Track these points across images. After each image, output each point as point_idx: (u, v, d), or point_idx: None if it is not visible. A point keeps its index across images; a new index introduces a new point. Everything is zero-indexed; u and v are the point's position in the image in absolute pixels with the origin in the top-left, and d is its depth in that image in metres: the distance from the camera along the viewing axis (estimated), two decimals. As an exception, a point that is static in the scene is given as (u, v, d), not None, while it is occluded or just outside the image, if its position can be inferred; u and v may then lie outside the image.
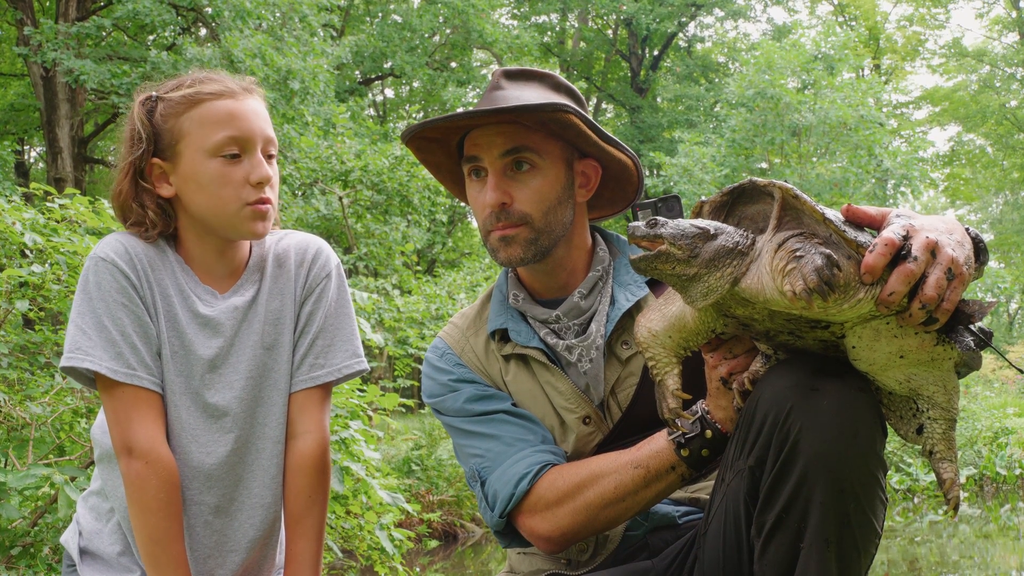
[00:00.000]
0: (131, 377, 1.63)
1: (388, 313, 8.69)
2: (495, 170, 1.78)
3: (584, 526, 1.72)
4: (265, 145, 1.70)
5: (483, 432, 1.83)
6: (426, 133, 1.85)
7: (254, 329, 1.74)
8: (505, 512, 1.76)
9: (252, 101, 1.71)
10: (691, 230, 1.36)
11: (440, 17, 20.05)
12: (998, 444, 11.34)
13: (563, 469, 1.74)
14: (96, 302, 1.63)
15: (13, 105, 17.31)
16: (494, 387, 1.89)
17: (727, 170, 16.84)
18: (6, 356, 3.48)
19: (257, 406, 1.74)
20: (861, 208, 1.35)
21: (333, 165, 10.49)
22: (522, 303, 1.88)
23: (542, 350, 1.85)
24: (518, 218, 1.78)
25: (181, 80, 1.72)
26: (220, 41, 12.41)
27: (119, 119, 15.07)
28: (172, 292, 1.70)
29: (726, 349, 1.56)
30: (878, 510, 1.41)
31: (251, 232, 1.69)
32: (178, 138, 1.66)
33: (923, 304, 1.25)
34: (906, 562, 6.89)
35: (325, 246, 1.84)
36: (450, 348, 1.94)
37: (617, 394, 1.83)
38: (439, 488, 7.98)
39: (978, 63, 27.89)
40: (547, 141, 1.79)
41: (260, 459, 1.75)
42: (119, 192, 1.69)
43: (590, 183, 1.87)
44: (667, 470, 1.64)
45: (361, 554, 4.03)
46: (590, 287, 1.86)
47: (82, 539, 1.76)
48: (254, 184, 1.66)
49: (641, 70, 25.95)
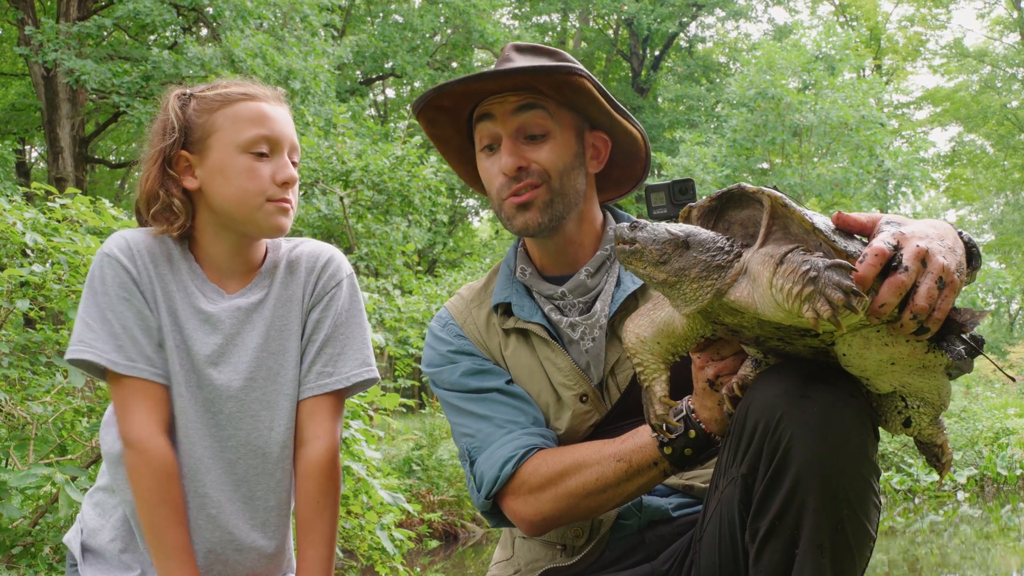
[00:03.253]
0: (131, 369, 1.66)
1: (389, 313, 8.69)
2: (509, 134, 1.80)
3: (565, 513, 1.74)
4: (291, 151, 1.76)
5: (475, 412, 1.85)
6: (440, 101, 1.85)
7: (257, 331, 1.76)
8: (491, 494, 1.78)
9: (283, 109, 1.79)
10: (663, 236, 1.37)
11: (441, 17, 20.06)
12: (999, 445, 11.34)
13: (548, 455, 1.76)
14: (99, 296, 1.68)
15: (14, 105, 17.33)
16: (492, 361, 1.90)
17: (728, 170, 16.84)
18: (7, 356, 3.48)
19: (261, 409, 1.75)
20: (851, 216, 1.35)
21: (334, 165, 10.49)
22: (529, 277, 1.90)
23: (543, 326, 1.86)
24: (537, 176, 1.79)
25: (215, 83, 1.79)
26: (221, 41, 12.41)
27: (120, 119, 15.13)
28: (174, 287, 1.73)
29: (713, 351, 1.56)
30: (872, 514, 1.41)
31: (273, 226, 1.73)
32: (209, 132, 1.72)
33: (914, 314, 1.24)
34: (907, 563, 6.89)
35: (338, 254, 1.86)
36: (453, 319, 1.96)
37: (617, 375, 1.84)
38: (440, 488, 7.98)
39: (979, 63, 27.87)
40: (559, 109, 1.81)
41: (266, 463, 1.76)
42: (147, 178, 1.73)
43: (600, 155, 1.89)
44: (649, 466, 1.66)
45: (362, 554, 4.04)
46: (597, 265, 1.87)
47: (84, 537, 1.77)
48: (279, 183, 1.72)
49: (642, 70, 25.95)
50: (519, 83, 1.78)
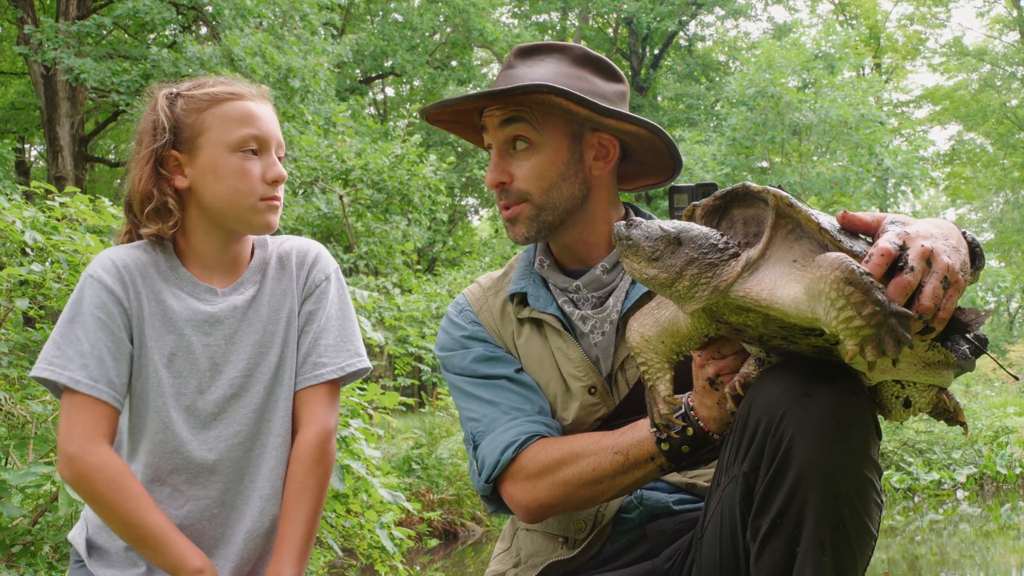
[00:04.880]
0: (91, 388, 1.68)
1: (388, 312, 8.70)
2: (497, 147, 1.83)
3: (561, 501, 1.75)
4: (277, 148, 1.80)
5: (482, 397, 1.87)
6: (441, 117, 1.92)
7: (255, 328, 1.81)
8: (491, 478, 1.80)
9: (268, 107, 1.83)
10: (656, 232, 1.38)
11: (441, 16, 20.06)
12: (998, 443, 11.34)
13: (548, 443, 1.77)
14: (75, 316, 1.72)
15: (13, 103, 17.32)
16: (504, 349, 1.92)
17: (728, 168, 16.85)
18: (7, 355, 3.48)
19: (261, 402, 1.80)
20: (856, 215, 1.36)
21: (333, 164, 10.49)
22: (547, 269, 1.92)
23: (557, 317, 1.88)
24: (516, 196, 1.82)
25: (200, 81, 1.82)
26: (221, 39, 12.40)
27: (120, 117, 15.12)
28: (168, 296, 1.76)
29: (714, 349, 1.56)
30: (873, 513, 1.41)
31: (264, 224, 1.78)
32: (199, 132, 1.75)
33: (920, 314, 1.25)
34: (906, 561, 6.89)
35: (324, 250, 1.92)
36: (469, 305, 1.99)
37: (626, 370, 1.85)
38: (439, 487, 7.98)
39: (979, 62, 27.87)
40: (546, 116, 1.81)
41: (264, 454, 1.80)
42: (139, 178, 1.76)
43: (609, 155, 1.87)
44: (646, 460, 1.67)
45: (361, 553, 4.04)
46: (614, 262, 1.88)
47: (89, 534, 1.80)
48: (269, 182, 1.76)
49: (642, 69, 25.94)
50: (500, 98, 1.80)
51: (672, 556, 1.79)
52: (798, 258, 1.31)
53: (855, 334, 1.20)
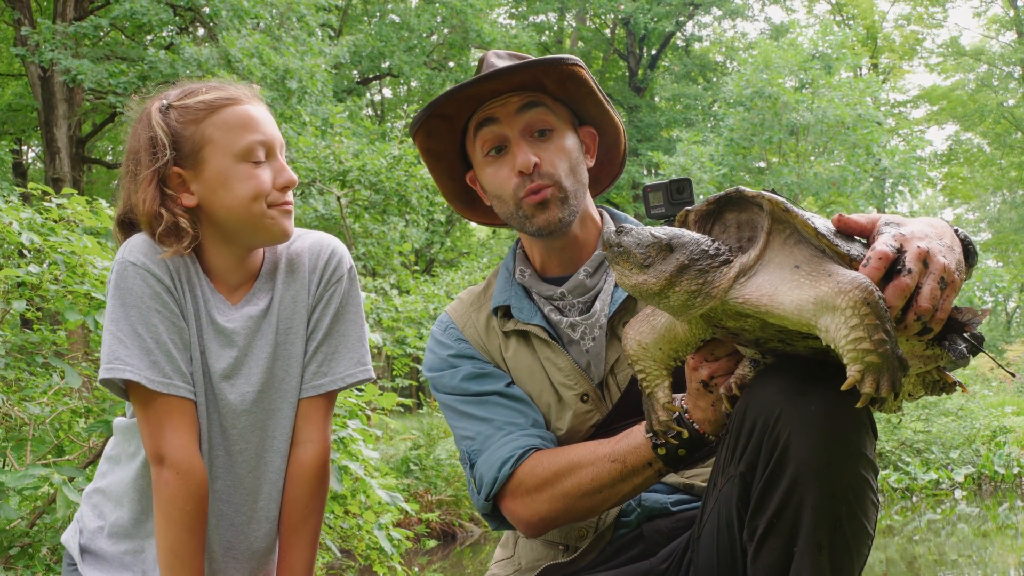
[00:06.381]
0: (167, 387, 1.61)
1: (386, 313, 8.70)
2: (517, 133, 1.81)
3: (561, 514, 1.74)
4: (281, 150, 1.72)
5: (475, 414, 1.85)
6: (445, 108, 1.84)
7: (267, 340, 1.73)
8: (490, 495, 1.79)
9: (264, 107, 1.73)
10: (647, 239, 1.36)
11: (438, 17, 20.05)
12: (996, 443, 11.35)
13: (544, 455, 1.76)
14: (130, 309, 1.61)
15: (11, 105, 17.28)
16: (492, 364, 1.91)
17: (725, 169, 16.84)
18: (4, 356, 3.48)
19: (267, 419, 1.74)
20: (851, 218, 1.36)
21: (331, 165, 10.48)
22: (528, 279, 1.91)
23: (543, 327, 1.86)
24: (548, 177, 1.80)
25: (188, 88, 1.71)
26: (218, 41, 12.39)
27: (117, 119, 15.08)
28: (192, 299, 1.68)
29: (708, 351, 1.56)
30: (869, 512, 1.41)
31: (281, 231, 1.69)
32: (201, 144, 1.65)
33: (918, 315, 1.25)
34: (904, 561, 6.90)
35: (339, 246, 1.82)
36: (453, 323, 1.97)
37: (616, 374, 1.84)
38: (437, 488, 7.98)
39: (976, 62, 27.89)
40: (556, 105, 1.83)
41: (268, 472, 1.74)
42: (143, 200, 1.64)
43: (591, 151, 1.92)
44: (644, 466, 1.66)
45: (359, 554, 4.03)
46: (596, 265, 1.88)
47: (83, 537, 1.76)
48: (280, 188, 1.67)
49: (639, 69, 25.95)
50: (520, 83, 1.80)
51: (669, 556, 1.79)
52: (801, 264, 1.30)
53: (860, 357, 1.20)
